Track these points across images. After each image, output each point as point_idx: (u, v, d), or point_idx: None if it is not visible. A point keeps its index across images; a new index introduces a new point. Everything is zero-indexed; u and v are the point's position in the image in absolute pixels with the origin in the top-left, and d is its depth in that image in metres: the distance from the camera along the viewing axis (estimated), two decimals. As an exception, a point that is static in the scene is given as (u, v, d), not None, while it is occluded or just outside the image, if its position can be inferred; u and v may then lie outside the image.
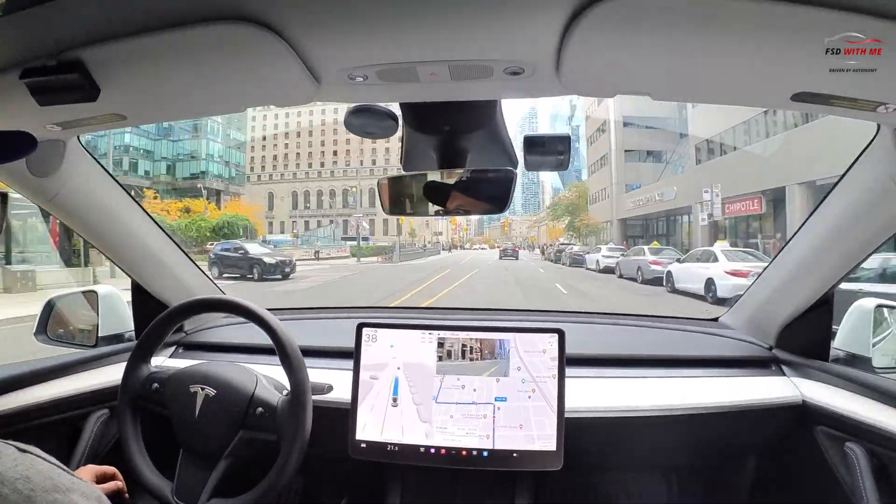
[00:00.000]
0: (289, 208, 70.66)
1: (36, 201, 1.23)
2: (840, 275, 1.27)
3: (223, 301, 1.30)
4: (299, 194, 71.92)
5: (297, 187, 72.37)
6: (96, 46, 0.72)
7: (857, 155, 1.10)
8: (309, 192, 71.28)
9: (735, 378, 1.40)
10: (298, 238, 48.34)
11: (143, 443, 1.21)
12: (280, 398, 1.20)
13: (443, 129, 1.03)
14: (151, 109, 0.99)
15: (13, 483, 0.52)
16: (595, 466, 1.56)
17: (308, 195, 71.24)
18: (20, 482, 0.52)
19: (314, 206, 69.97)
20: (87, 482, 0.60)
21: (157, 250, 1.51)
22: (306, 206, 70.81)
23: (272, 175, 73.85)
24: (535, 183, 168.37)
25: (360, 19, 0.69)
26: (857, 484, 1.12)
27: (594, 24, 0.65)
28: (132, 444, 1.20)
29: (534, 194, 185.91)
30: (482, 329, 1.28)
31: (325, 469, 1.62)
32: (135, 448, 1.20)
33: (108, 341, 1.56)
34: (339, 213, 63.32)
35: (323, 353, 1.47)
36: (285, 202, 70.97)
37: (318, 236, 52.57)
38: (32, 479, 0.53)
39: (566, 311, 2.10)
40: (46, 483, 0.54)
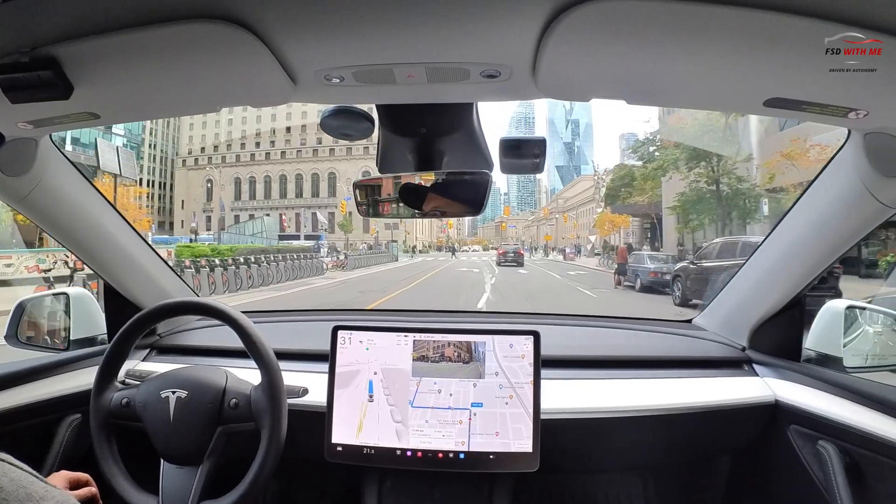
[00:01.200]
0: (231, 198, 59.24)
1: (7, 201, 1.20)
2: (812, 276, 1.29)
3: (197, 304, 1.29)
4: (243, 181, 60.43)
5: (241, 172, 60.54)
6: (71, 43, 0.71)
7: (829, 159, 1.12)
8: (255, 179, 60.32)
9: (709, 378, 1.42)
10: (216, 237, 33.91)
11: (121, 461, 1.18)
12: (252, 386, 1.19)
13: (419, 132, 1.04)
14: (125, 108, 0.98)
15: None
16: (572, 468, 1.57)
17: (254, 182, 60.33)
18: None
19: (261, 196, 59.45)
20: (61, 490, 0.58)
21: (130, 252, 1.49)
22: (251, 196, 59.56)
23: (211, 158, 61.69)
24: (532, 181, 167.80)
25: (338, 20, 0.69)
26: (830, 481, 1.14)
27: (570, 29, 0.66)
28: (111, 464, 1.16)
29: (530, 193, 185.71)
30: (458, 331, 1.28)
31: (301, 473, 1.61)
32: (114, 468, 1.16)
33: (81, 344, 1.53)
34: (292, 205, 55.96)
35: (298, 356, 1.46)
36: (227, 191, 59.27)
37: (247, 232, 40.87)
38: (4, 488, 0.52)
39: (542, 314, 2.12)
40: (19, 492, 0.52)
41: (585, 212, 54.40)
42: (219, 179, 58.37)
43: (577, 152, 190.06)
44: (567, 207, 71.39)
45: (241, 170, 60.91)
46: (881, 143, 0.95)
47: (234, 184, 60.70)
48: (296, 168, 60.22)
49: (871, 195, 1.03)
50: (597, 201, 41.78)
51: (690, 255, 15.98)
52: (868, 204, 1.05)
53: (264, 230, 42.32)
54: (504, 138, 1.03)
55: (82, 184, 1.32)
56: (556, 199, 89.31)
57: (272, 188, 60.47)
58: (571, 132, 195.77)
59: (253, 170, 60.70)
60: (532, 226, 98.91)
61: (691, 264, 12.68)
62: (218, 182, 58.35)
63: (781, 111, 0.84)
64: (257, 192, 60.37)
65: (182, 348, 1.60)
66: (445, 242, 72.10)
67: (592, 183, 47.44)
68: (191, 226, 44.66)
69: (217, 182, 58.28)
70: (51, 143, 1.18)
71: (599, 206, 40.21)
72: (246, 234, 40.14)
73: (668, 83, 0.82)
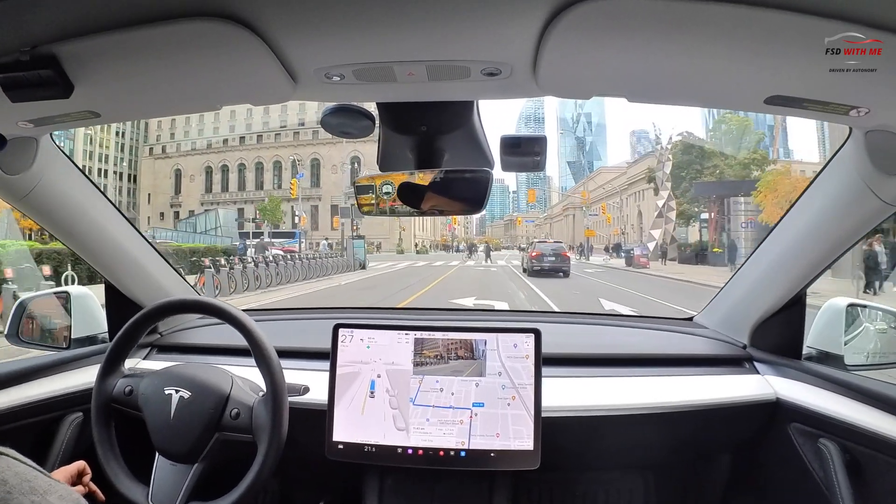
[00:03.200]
0: (201, 190, 51.79)
1: (7, 199, 1.20)
2: (813, 274, 1.29)
3: (198, 302, 1.29)
4: (215, 170, 52.45)
5: (213, 160, 52.60)
6: (71, 42, 0.70)
7: (830, 157, 1.12)
8: (228, 167, 51.99)
9: (710, 376, 1.42)
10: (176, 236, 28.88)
11: (117, 447, 1.20)
12: (256, 399, 1.19)
13: (420, 130, 1.04)
14: (125, 106, 0.98)
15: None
16: (573, 465, 1.57)
17: (227, 170, 52.08)
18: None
19: (234, 188, 51.22)
20: (64, 484, 0.59)
21: (131, 250, 1.49)
22: (224, 188, 51.26)
23: (180, 146, 54.30)
24: (542, 178, 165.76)
25: (338, 18, 0.68)
26: (831, 480, 1.14)
27: (571, 27, 0.65)
28: (106, 449, 1.18)
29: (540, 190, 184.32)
30: (459, 329, 1.28)
31: (301, 471, 1.61)
32: (109, 452, 1.18)
33: (82, 343, 1.53)
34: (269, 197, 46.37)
35: (299, 354, 1.46)
36: (196, 182, 52.23)
37: (199, 229, 33.99)
38: (9, 482, 0.52)
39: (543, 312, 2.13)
40: (23, 486, 0.53)
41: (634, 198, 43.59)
42: (187, 169, 52.45)
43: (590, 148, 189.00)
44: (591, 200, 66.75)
45: (213, 157, 53.38)
46: (882, 141, 0.94)
47: (204, 173, 53.51)
48: (274, 154, 52.75)
49: (873, 193, 1.03)
50: (661, 181, 30.89)
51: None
52: (869, 202, 1.05)
53: (220, 226, 34.68)
54: (505, 136, 1.03)
55: (83, 182, 1.32)
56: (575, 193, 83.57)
57: (246, 178, 53.02)
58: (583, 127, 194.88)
59: (226, 157, 53.15)
60: (545, 223, 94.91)
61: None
62: (186, 172, 52.56)
63: (783, 109, 0.84)
64: (230, 183, 52.79)
65: (183, 347, 1.60)
66: (451, 241, 65.83)
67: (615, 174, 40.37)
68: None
69: (185, 172, 52.54)
70: (51, 141, 1.18)
71: (664, 187, 30.17)
72: (198, 230, 33.48)
73: (668, 80, 0.82)
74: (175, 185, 52.68)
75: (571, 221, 69.52)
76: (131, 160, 54.89)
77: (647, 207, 38.74)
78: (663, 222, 28.92)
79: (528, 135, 1.04)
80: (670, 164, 30.48)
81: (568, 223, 74.07)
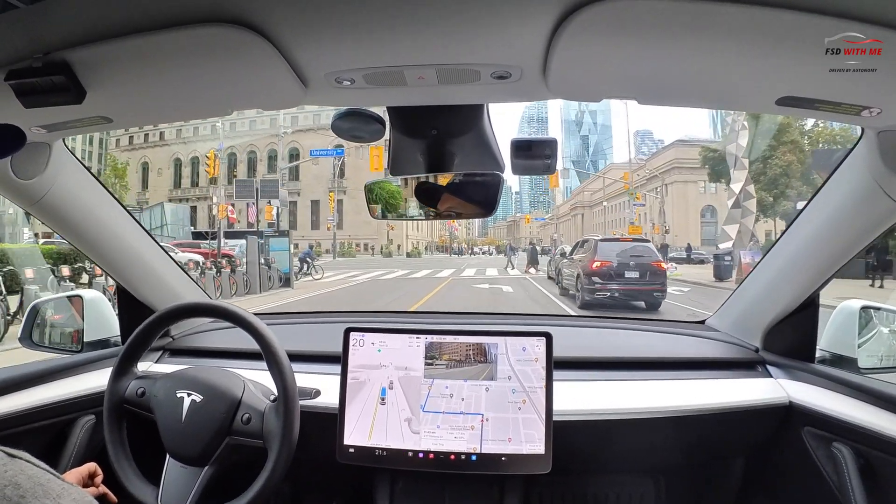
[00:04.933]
0: (169, 185, 47.56)
1: (20, 204, 1.22)
2: (825, 276, 1.28)
3: (210, 306, 1.30)
4: (184, 162, 48.23)
5: (181, 151, 48.28)
6: (83, 48, 0.71)
7: (842, 158, 1.11)
8: (198, 159, 45.25)
9: (722, 380, 1.40)
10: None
11: (128, 448, 1.21)
12: (267, 404, 1.19)
13: (430, 133, 1.04)
14: (137, 112, 0.99)
15: (2, 489, 0.51)
16: (583, 469, 1.56)
17: (196, 163, 46.04)
18: (9, 488, 0.51)
19: (204, 182, 44.55)
20: (77, 487, 0.59)
21: (143, 254, 1.50)
22: (194, 182, 46.49)
23: (148, 136, 49.44)
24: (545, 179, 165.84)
25: (348, 23, 0.69)
26: (844, 484, 1.13)
27: (581, 29, 0.66)
28: (118, 450, 1.19)
29: (543, 191, 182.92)
30: (470, 333, 1.28)
31: (312, 475, 1.61)
32: (120, 453, 1.19)
33: (94, 346, 1.55)
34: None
35: (311, 358, 1.46)
36: (164, 176, 48.15)
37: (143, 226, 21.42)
38: (22, 485, 0.52)
39: (554, 315, 2.12)
40: (36, 489, 0.53)
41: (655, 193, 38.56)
42: (154, 162, 47.88)
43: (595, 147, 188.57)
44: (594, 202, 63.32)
45: (181, 149, 48.87)
46: (895, 142, 0.94)
47: (173, 166, 49.27)
48: (248, 144, 48.06)
49: (885, 194, 1.02)
50: (733, 158, 21.14)
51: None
52: (882, 203, 1.04)
53: (166, 223, 30.25)
54: (515, 139, 1.04)
55: (95, 187, 1.34)
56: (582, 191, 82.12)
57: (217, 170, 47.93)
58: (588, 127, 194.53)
59: (195, 147, 47.36)
60: (550, 224, 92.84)
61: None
62: (154, 165, 48.01)
63: (794, 110, 0.83)
64: (200, 177, 47.00)
65: (195, 350, 1.61)
66: (450, 241, 63.92)
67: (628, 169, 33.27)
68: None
69: (152, 165, 47.96)
70: (64, 147, 1.20)
71: (740, 166, 20.84)
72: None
73: (679, 82, 0.82)
74: (142, 179, 48.79)
75: (580, 221, 67.58)
76: (101, 154, 49.08)
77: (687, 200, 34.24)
78: (739, 214, 20.55)
79: (539, 137, 1.05)
80: (747, 133, 21.44)
81: (576, 223, 72.46)
